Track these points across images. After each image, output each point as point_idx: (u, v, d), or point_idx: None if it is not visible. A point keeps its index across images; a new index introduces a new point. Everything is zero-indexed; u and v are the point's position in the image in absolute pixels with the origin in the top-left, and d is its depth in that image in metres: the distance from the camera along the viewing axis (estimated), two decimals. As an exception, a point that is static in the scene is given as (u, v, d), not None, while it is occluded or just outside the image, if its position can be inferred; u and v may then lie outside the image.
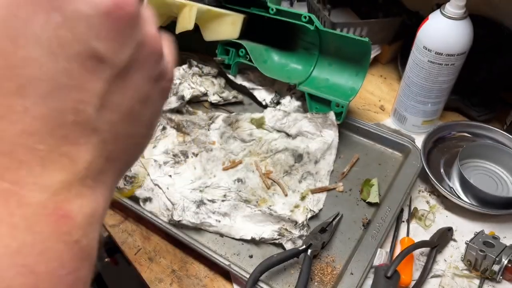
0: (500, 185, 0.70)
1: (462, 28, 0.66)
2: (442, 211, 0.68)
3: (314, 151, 0.73)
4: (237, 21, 0.79)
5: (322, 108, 0.77)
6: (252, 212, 0.65)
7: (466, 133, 0.78)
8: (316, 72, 0.80)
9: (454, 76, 0.71)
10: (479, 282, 0.60)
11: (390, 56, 0.93)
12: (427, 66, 0.69)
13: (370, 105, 0.86)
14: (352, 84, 0.77)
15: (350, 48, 0.74)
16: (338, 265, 0.61)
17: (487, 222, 0.67)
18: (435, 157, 0.75)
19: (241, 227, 0.64)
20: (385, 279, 0.56)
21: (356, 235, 0.64)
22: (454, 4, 0.64)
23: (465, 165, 0.72)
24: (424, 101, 0.74)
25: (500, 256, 0.58)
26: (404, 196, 0.66)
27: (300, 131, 0.75)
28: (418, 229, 0.66)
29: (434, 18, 0.67)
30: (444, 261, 0.62)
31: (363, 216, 0.67)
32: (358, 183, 0.71)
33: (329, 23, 0.81)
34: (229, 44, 0.82)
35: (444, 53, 0.67)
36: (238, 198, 0.68)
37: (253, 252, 0.63)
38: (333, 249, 0.63)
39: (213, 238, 0.65)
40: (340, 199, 0.69)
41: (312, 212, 0.66)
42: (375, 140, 0.77)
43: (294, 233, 0.63)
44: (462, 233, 0.66)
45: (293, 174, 0.71)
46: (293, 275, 0.61)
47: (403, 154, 0.74)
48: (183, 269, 0.63)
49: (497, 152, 0.72)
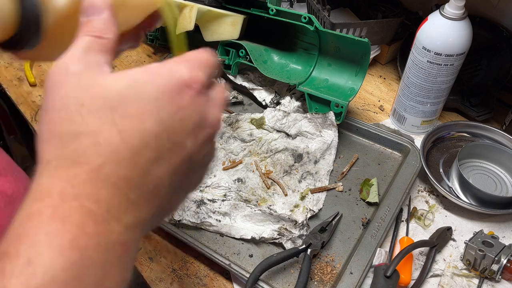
0: (499, 185, 0.70)
1: (461, 28, 0.66)
2: (441, 210, 0.69)
3: (313, 151, 0.73)
4: (237, 21, 0.79)
5: (321, 108, 0.77)
6: (252, 212, 0.65)
7: (465, 133, 0.78)
8: (315, 73, 0.81)
9: (453, 76, 0.71)
10: (478, 281, 0.60)
11: (389, 56, 0.93)
12: (426, 67, 0.70)
13: (369, 105, 0.86)
14: (351, 85, 0.77)
15: (350, 48, 0.74)
16: (338, 264, 0.62)
17: (486, 222, 0.67)
18: (434, 157, 0.75)
19: (241, 227, 0.65)
20: (385, 278, 0.56)
21: (355, 235, 0.65)
22: (454, 4, 0.65)
23: (464, 165, 0.72)
24: (423, 101, 0.74)
25: (499, 255, 0.58)
26: (404, 195, 0.66)
27: (300, 131, 0.75)
28: (417, 229, 0.66)
29: (434, 19, 0.67)
30: (443, 261, 0.63)
31: (363, 215, 0.67)
32: (358, 183, 0.71)
33: (328, 24, 0.82)
34: (229, 44, 0.82)
35: (443, 53, 0.67)
36: (238, 197, 0.68)
37: (253, 252, 0.63)
38: (333, 249, 0.63)
39: (213, 238, 0.65)
40: (340, 199, 0.69)
41: (312, 211, 0.66)
42: (374, 140, 0.77)
43: (294, 233, 0.63)
44: (461, 233, 0.66)
45: (293, 174, 0.72)
46: (293, 275, 0.61)
47: (403, 154, 0.74)
48: (183, 269, 0.63)
49: (496, 152, 0.72)
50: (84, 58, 0.27)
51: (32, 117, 0.84)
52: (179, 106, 0.27)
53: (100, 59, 0.28)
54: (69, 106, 0.25)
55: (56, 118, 0.25)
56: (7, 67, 0.95)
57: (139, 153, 0.25)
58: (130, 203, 0.25)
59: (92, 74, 0.26)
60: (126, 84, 0.26)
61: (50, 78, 0.27)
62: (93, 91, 0.26)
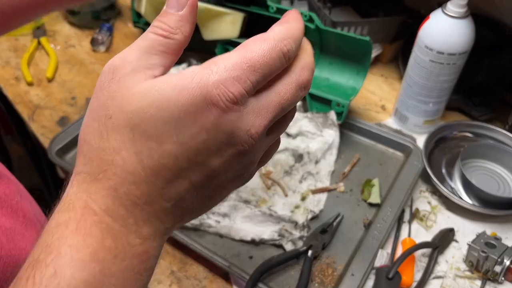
0: (502, 186, 0.70)
1: (464, 27, 0.65)
2: (444, 211, 0.68)
3: (314, 151, 0.72)
4: (237, 20, 0.78)
5: (322, 107, 0.76)
6: (252, 213, 0.65)
7: (468, 133, 0.77)
8: (316, 71, 0.80)
9: (456, 75, 0.70)
10: (481, 283, 0.59)
11: (391, 55, 0.93)
12: (428, 66, 0.69)
13: (371, 105, 0.85)
14: (353, 84, 0.76)
15: (351, 47, 0.73)
16: (339, 266, 0.61)
17: (489, 223, 0.66)
18: (436, 157, 0.74)
19: (241, 228, 0.64)
20: (387, 280, 0.56)
21: (357, 236, 0.64)
22: (456, 2, 0.64)
23: (466, 165, 0.71)
24: (425, 101, 0.74)
25: (502, 257, 0.57)
26: (406, 196, 0.65)
27: (301, 131, 0.75)
28: (419, 230, 0.66)
29: (436, 17, 0.67)
30: (445, 262, 0.62)
31: (364, 216, 0.66)
32: (359, 183, 0.70)
33: (329, 22, 0.81)
34: (229, 43, 0.81)
35: (445, 52, 0.66)
36: (238, 198, 0.67)
37: (253, 253, 0.63)
38: (334, 250, 0.63)
39: (212, 239, 0.64)
40: (341, 200, 0.69)
41: (313, 212, 0.66)
42: (376, 140, 0.76)
43: (295, 234, 0.62)
44: (463, 234, 0.65)
45: (293, 174, 0.71)
46: (293, 276, 0.60)
47: (405, 154, 0.74)
48: (182, 270, 0.62)
49: (499, 152, 0.72)
50: (137, 60, 0.26)
51: (29, 117, 0.84)
52: (203, 127, 0.25)
53: (156, 61, 0.27)
54: (101, 118, 0.26)
55: (91, 126, 0.26)
56: (4, 67, 0.94)
57: (157, 174, 0.25)
58: (149, 216, 0.26)
59: (133, 80, 0.26)
60: (149, 100, 0.25)
61: (100, 77, 0.27)
62: (122, 104, 0.25)
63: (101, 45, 0.97)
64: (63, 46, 0.99)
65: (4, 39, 1.00)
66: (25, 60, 0.93)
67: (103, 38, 0.97)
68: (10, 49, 0.98)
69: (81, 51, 0.98)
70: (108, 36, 0.98)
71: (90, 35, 1.00)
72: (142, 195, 0.25)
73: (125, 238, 0.26)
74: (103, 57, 0.97)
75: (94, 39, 0.97)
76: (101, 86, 0.26)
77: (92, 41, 0.97)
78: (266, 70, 0.26)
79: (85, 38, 1.01)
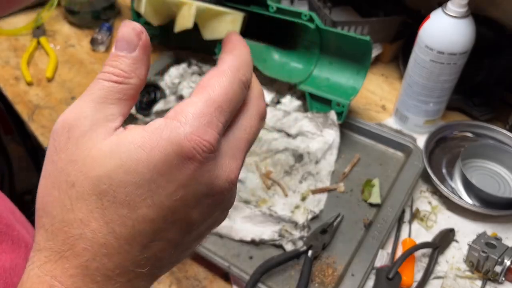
0: (503, 186, 0.70)
1: (464, 26, 0.65)
2: (444, 211, 0.68)
3: (314, 151, 0.72)
4: (237, 19, 0.78)
5: (322, 107, 0.76)
6: (252, 213, 0.64)
7: (468, 133, 0.77)
8: (316, 71, 0.80)
9: (456, 75, 0.70)
10: (481, 283, 0.59)
11: (391, 55, 0.92)
12: (428, 65, 0.69)
13: (371, 105, 0.85)
14: (353, 83, 0.76)
15: (351, 47, 0.73)
16: (339, 266, 0.61)
17: (489, 223, 0.66)
18: (437, 157, 0.74)
19: (240, 228, 0.64)
20: (387, 280, 0.56)
21: (357, 236, 0.64)
22: (456, 2, 0.64)
23: (467, 165, 0.71)
24: (426, 101, 0.74)
25: (503, 257, 0.57)
26: (406, 196, 0.65)
27: (301, 130, 0.74)
28: (420, 230, 0.66)
29: (436, 17, 0.67)
30: (446, 263, 0.62)
31: (364, 216, 0.66)
32: (359, 183, 0.70)
33: (330, 22, 0.81)
34: (229, 43, 0.81)
35: (446, 52, 0.66)
36: (238, 198, 0.67)
37: (253, 253, 0.63)
38: (334, 250, 0.63)
39: (212, 239, 0.64)
40: (341, 200, 0.69)
41: (313, 212, 0.65)
42: (376, 140, 0.76)
43: (295, 234, 0.62)
44: (464, 234, 0.65)
45: (293, 174, 0.71)
46: (293, 277, 0.60)
47: (405, 154, 0.74)
48: (182, 271, 0.62)
49: (499, 152, 0.72)
50: (93, 113, 0.24)
51: (29, 117, 0.83)
52: (179, 184, 0.23)
53: (113, 110, 0.24)
54: (62, 185, 0.23)
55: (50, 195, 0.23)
56: (4, 66, 0.94)
57: (131, 242, 0.23)
58: (125, 282, 0.24)
59: (92, 140, 0.23)
60: (116, 163, 0.22)
61: (53, 137, 0.24)
62: (85, 169, 0.23)
63: (101, 45, 0.97)
64: (62, 46, 0.99)
65: (4, 38, 1.00)
66: (25, 60, 0.93)
67: (103, 38, 0.97)
68: (10, 49, 0.98)
69: (80, 51, 0.98)
70: (108, 36, 0.98)
71: (90, 35, 1.00)
72: (115, 267, 0.23)
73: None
74: (103, 57, 0.97)
75: (94, 39, 0.97)
76: (56, 148, 0.24)
77: (92, 41, 0.97)
78: (232, 106, 0.25)
79: (84, 38, 1.01)
